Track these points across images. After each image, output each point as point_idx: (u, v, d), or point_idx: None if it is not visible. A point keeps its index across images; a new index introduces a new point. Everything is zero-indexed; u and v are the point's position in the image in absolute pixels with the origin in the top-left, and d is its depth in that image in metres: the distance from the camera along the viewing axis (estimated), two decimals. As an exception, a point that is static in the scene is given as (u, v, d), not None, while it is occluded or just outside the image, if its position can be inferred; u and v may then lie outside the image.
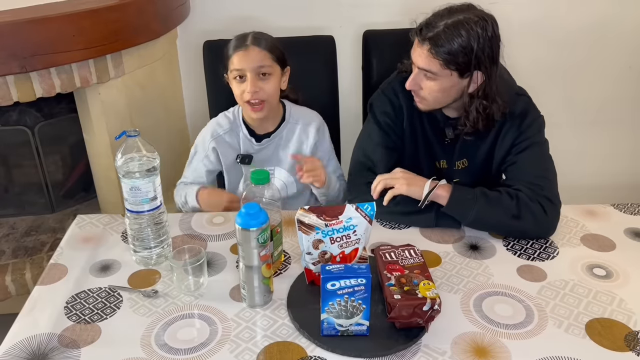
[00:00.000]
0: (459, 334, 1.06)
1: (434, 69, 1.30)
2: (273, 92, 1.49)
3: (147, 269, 1.25)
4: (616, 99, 2.49)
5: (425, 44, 1.29)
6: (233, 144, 1.56)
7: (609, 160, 2.64)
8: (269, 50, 1.46)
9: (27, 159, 2.17)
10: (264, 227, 1.06)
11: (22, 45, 1.62)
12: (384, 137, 1.47)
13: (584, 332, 1.06)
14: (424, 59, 1.30)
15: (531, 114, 1.41)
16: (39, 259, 2.06)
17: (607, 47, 2.38)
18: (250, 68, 1.44)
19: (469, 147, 1.46)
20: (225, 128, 1.56)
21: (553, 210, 1.33)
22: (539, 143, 1.40)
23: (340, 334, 1.04)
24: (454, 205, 1.32)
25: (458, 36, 1.25)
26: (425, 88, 1.35)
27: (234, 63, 1.46)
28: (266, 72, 1.46)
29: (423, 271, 1.10)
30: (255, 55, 1.45)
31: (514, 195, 1.31)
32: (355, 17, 2.28)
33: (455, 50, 1.26)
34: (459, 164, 1.48)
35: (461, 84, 1.33)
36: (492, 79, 1.32)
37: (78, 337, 1.06)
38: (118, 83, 2.00)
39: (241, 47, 1.45)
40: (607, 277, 1.21)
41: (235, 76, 1.47)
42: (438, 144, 1.48)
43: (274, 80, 1.48)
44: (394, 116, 1.47)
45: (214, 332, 1.07)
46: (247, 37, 1.47)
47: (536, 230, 1.33)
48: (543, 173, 1.36)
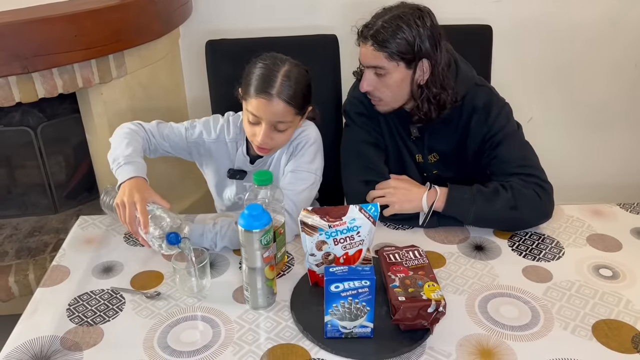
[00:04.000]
0: (464, 336, 1.05)
1: (380, 63, 1.33)
2: (285, 141, 1.38)
3: (149, 270, 1.25)
4: (623, 97, 2.48)
5: (368, 42, 1.33)
6: (229, 154, 1.49)
7: (615, 159, 2.63)
8: (294, 103, 1.29)
9: (30, 159, 2.17)
10: (267, 228, 1.05)
11: (23, 45, 1.62)
12: (366, 135, 1.48)
13: (591, 333, 1.05)
14: (369, 56, 1.34)
15: (495, 105, 1.41)
16: (42, 260, 2.06)
17: (613, 45, 2.37)
18: (268, 120, 1.30)
19: (436, 142, 1.47)
20: (231, 137, 1.47)
21: (545, 194, 1.33)
22: (511, 133, 1.41)
23: (344, 336, 1.03)
24: (452, 209, 1.33)
25: (397, 28, 1.30)
26: (379, 87, 1.37)
27: (252, 106, 1.29)
28: (283, 127, 1.32)
29: (427, 272, 1.09)
30: (277, 110, 1.28)
31: (507, 187, 1.32)
32: (359, 15, 2.26)
33: (397, 42, 1.30)
34: (431, 158, 1.50)
35: (409, 75, 1.35)
36: (438, 67, 1.35)
37: (80, 340, 1.06)
38: (120, 83, 1.99)
39: (264, 93, 1.27)
40: (613, 277, 1.20)
41: (249, 117, 1.32)
42: (409, 139, 1.50)
43: (290, 131, 1.35)
44: (369, 115, 1.49)
45: (217, 334, 1.07)
46: (275, 81, 1.27)
47: (535, 216, 1.34)
48: (525, 162, 1.38)
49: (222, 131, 1.47)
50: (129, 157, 1.29)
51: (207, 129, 1.47)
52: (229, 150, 1.48)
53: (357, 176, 1.44)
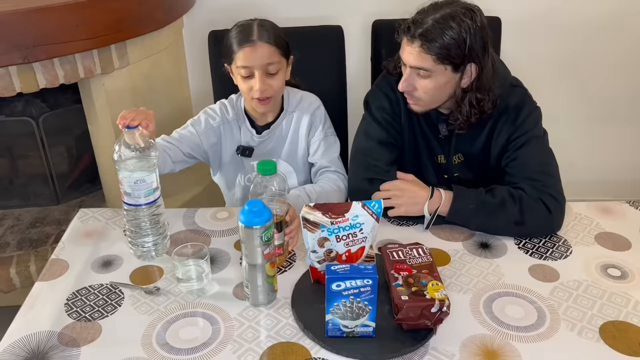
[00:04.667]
0: (468, 337, 1.03)
1: (427, 66, 1.26)
2: (280, 87, 1.45)
3: (149, 265, 1.23)
4: (631, 91, 2.44)
5: (416, 42, 1.25)
6: (235, 134, 1.53)
7: (625, 155, 2.59)
8: (275, 44, 1.38)
9: (31, 150, 2.16)
10: (268, 225, 1.03)
11: (24, 35, 1.60)
12: (382, 133, 1.43)
13: (598, 335, 1.03)
14: (416, 57, 1.26)
15: (527, 106, 1.37)
16: (44, 251, 2.05)
17: (622, 39, 2.33)
18: (259, 65, 1.37)
19: (464, 142, 1.43)
20: (231, 115, 1.52)
21: (557, 208, 1.30)
22: (537, 137, 1.36)
23: (345, 335, 1.01)
24: (456, 217, 1.31)
25: (449, 29, 1.22)
26: (420, 87, 1.31)
27: (240, 59, 1.38)
28: (274, 68, 1.39)
29: (431, 271, 1.07)
30: (263, 52, 1.37)
31: (516, 198, 1.28)
32: (364, 6, 2.23)
33: (447, 44, 1.23)
34: (456, 159, 1.45)
35: (455, 79, 1.30)
36: (486, 70, 1.29)
37: (78, 336, 1.04)
38: (123, 73, 1.97)
39: (247, 42, 1.36)
40: (622, 277, 1.17)
41: (241, 72, 1.40)
42: (434, 139, 1.45)
43: (281, 75, 1.42)
44: (392, 111, 1.44)
45: (217, 331, 1.05)
46: (252, 29, 1.38)
47: (541, 231, 1.31)
48: (544, 168, 1.34)
49: (222, 112, 1.53)
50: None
51: (210, 115, 1.53)
52: (233, 130, 1.53)
53: (362, 173, 1.42)
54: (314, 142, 1.52)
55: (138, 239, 1.23)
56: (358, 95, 1.98)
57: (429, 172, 1.48)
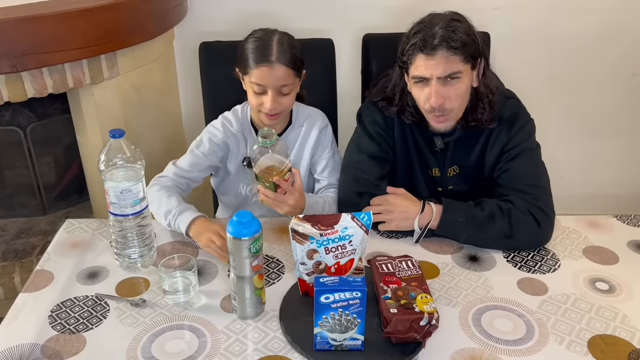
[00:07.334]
0: (456, 350, 1.02)
1: (456, 68, 1.26)
2: (291, 104, 1.45)
3: (135, 276, 1.22)
4: (620, 107, 2.46)
5: (439, 50, 1.24)
6: (240, 146, 1.52)
7: (612, 170, 2.61)
8: (292, 65, 1.37)
9: (18, 159, 2.13)
10: (257, 236, 1.02)
11: (12, 44, 1.58)
12: (374, 147, 1.43)
13: (586, 349, 1.03)
14: (445, 65, 1.24)
15: (521, 117, 1.38)
16: (29, 262, 2.02)
17: (610, 54, 2.35)
18: (273, 86, 1.36)
19: (459, 154, 1.43)
20: (236, 128, 1.51)
21: (546, 221, 1.30)
22: (530, 149, 1.38)
23: (334, 348, 1.00)
24: (445, 231, 1.31)
25: (459, 27, 1.25)
26: (452, 94, 1.28)
27: (255, 76, 1.36)
28: (287, 89, 1.39)
29: (421, 284, 1.06)
30: (279, 74, 1.35)
31: (505, 212, 1.28)
32: (355, 20, 2.25)
33: (465, 40, 1.25)
34: (451, 171, 1.46)
35: (472, 77, 1.31)
36: (488, 66, 1.33)
37: (62, 348, 1.02)
38: (112, 84, 1.96)
39: (265, 62, 1.34)
40: (610, 291, 1.18)
41: (254, 88, 1.38)
42: (430, 152, 1.45)
43: (293, 93, 1.42)
44: (385, 125, 1.44)
45: (203, 344, 1.03)
46: (272, 48, 1.35)
47: (530, 244, 1.32)
48: (536, 181, 1.34)
49: (225, 127, 1.51)
50: (178, 206, 1.35)
51: (212, 134, 1.51)
52: (239, 142, 1.52)
53: (351, 186, 1.41)
54: (322, 160, 1.54)
55: (124, 250, 1.21)
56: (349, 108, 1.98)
57: (421, 186, 1.47)
